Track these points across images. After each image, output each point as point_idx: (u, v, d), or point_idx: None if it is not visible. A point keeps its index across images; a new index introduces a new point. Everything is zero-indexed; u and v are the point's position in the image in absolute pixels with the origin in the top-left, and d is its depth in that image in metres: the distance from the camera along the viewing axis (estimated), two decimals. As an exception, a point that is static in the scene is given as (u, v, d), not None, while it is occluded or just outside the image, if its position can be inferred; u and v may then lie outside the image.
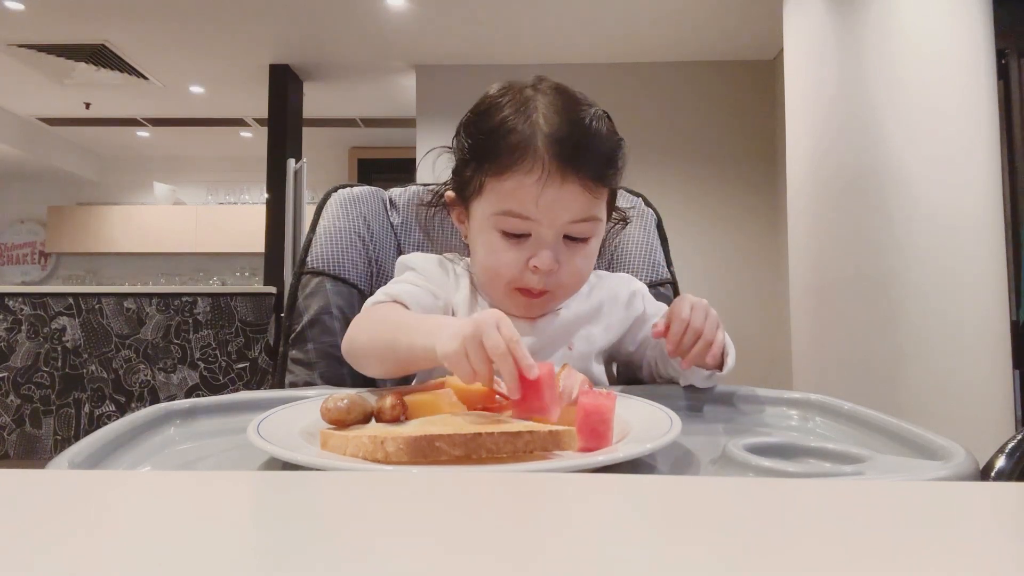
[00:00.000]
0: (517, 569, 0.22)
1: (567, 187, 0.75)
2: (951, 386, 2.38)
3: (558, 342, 0.84)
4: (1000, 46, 2.71)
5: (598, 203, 0.79)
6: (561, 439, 0.48)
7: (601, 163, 0.78)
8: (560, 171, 0.75)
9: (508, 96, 0.80)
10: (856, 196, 2.57)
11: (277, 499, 0.33)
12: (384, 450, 0.46)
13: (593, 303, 0.88)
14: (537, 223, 0.77)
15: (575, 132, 0.76)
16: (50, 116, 6.05)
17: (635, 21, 4.07)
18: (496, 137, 0.77)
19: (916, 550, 0.25)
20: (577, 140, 0.76)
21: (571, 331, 0.86)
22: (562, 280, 0.80)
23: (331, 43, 4.45)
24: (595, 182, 0.77)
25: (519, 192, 0.76)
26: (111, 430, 0.54)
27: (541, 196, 0.75)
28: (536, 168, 0.75)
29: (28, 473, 0.34)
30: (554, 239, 0.78)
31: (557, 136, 0.75)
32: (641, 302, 0.91)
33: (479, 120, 0.81)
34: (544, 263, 0.77)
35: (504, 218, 0.78)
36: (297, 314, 1.00)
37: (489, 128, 0.79)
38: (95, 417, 3.92)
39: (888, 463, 0.48)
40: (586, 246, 0.80)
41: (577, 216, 0.77)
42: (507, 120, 0.77)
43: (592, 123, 0.78)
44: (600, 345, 0.87)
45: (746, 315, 4.40)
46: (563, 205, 0.76)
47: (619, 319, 0.89)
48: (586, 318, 0.87)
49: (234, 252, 6.98)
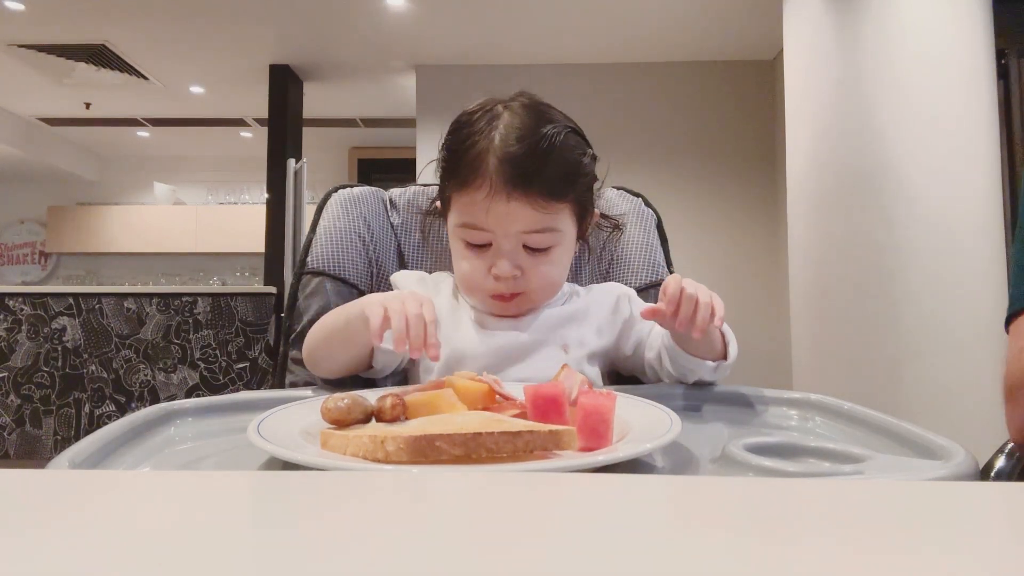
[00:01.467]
0: (517, 569, 0.22)
1: (513, 203, 0.79)
2: (951, 386, 2.38)
3: (544, 337, 0.85)
4: (1000, 46, 2.71)
5: (552, 216, 0.82)
6: (561, 439, 0.48)
7: (552, 181, 0.81)
8: (505, 189, 0.79)
9: (479, 113, 0.84)
10: (856, 196, 2.57)
11: (277, 499, 0.33)
12: (384, 450, 0.46)
13: (579, 306, 0.90)
14: (493, 233, 0.81)
15: (525, 151, 0.80)
16: (50, 116, 6.05)
17: (635, 21, 4.07)
18: (459, 154, 0.83)
19: (916, 550, 0.25)
20: (525, 158, 0.80)
21: (555, 328, 0.86)
22: (531, 285, 0.84)
23: (331, 43, 4.45)
24: (545, 198, 0.80)
25: (472, 207, 0.81)
26: (111, 430, 0.54)
27: (489, 211, 0.80)
28: (484, 185, 0.80)
29: (28, 473, 0.34)
30: (512, 248, 0.82)
31: (506, 156, 0.80)
32: (628, 304, 0.92)
33: (451, 137, 0.86)
34: (502, 271, 0.82)
35: (464, 229, 0.83)
36: (297, 314, 1.00)
37: (456, 145, 0.84)
38: (95, 417, 3.92)
39: (888, 463, 0.48)
40: (548, 255, 0.84)
41: (528, 228, 0.81)
42: (470, 138, 0.83)
43: (546, 143, 0.81)
44: (592, 347, 0.87)
45: (746, 315, 4.40)
46: (512, 219, 0.80)
47: (608, 322, 0.90)
48: (572, 318, 0.88)
49: (234, 252, 6.98)
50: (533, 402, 0.55)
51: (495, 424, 0.49)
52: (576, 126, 0.87)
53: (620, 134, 4.50)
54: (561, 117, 0.86)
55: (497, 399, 0.61)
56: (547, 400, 0.55)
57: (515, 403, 0.60)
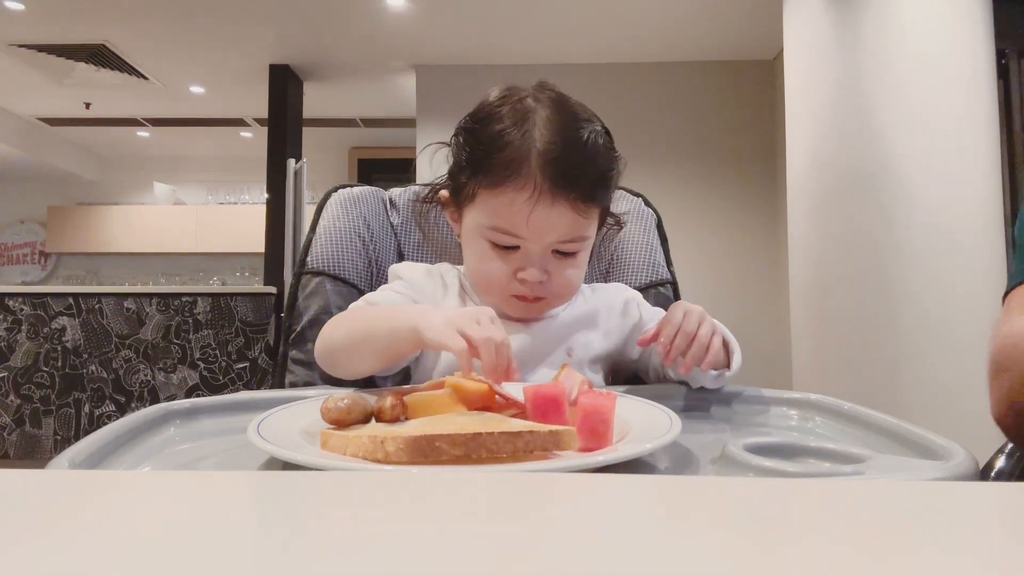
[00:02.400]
0: (517, 569, 0.22)
1: (557, 208, 0.76)
2: (951, 386, 2.38)
3: (553, 345, 0.84)
4: (1000, 46, 2.71)
5: (588, 223, 0.80)
6: (561, 439, 0.48)
7: (593, 184, 0.78)
8: (551, 191, 0.75)
9: (507, 106, 0.80)
10: (856, 196, 2.57)
11: (277, 499, 0.33)
12: (384, 450, 0.46)
13: (588, 309, 0.89)
14: (525, 239, 0.78)
15: (569, 152, 0.76)
16: (50, 116, 6.06)
17: (635, 21, 4.07)
18: (492, 149, 0.78)
19: (916, 550, 0.25)
20: (570, 160, 0.76)
21: (565, 335, 0.86)
22: (553, 289, 0.81)
23: (331, 43, 4.45)
24: (585, 203, 0.78)
25: (510, 209, 0.76)
26: (111, 430, 0.54)
27: (531, 215, 0.76)
28: (528, 186, 0.75)
29: (28, 473, 0.34)
30: (542, 254, 0.79)
31: (551, 155, 0.75)
32: (636, 309, 0.91)
33: (477, 128, 0.81)
34: (532, 277, 0.78)
35: (494, 232, 0.79)
36: (297, 314, 1.00)
37: (486, 139, 0.79)
38: (95, 417, 3.92)
39: (888, 463, 0.48)
40: (575, 259, 0.82)
41: (565, 236, 0.78)
42: (504, 133, 0.77)
43: (588, 143, 0.78)
44: (597, 351, 0.87)
45: (746, 315, 4.40)
46: (552, 225, 0.77)
47: (616, 326, 0.89)
48: (581, 323, 0.87)
49: (234, 252, 6.98)
50: (533, 402, 0.55)
51: (495, 424, 0.49)
52: (604, 124, 0.84)
53: (620, 134, 4.43)
54: (591, 114, 0.83)
55: (497, 399, 0.61)
56: (547, 400, 0.55)
57: (515, 403, 0.60)
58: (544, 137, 0.76)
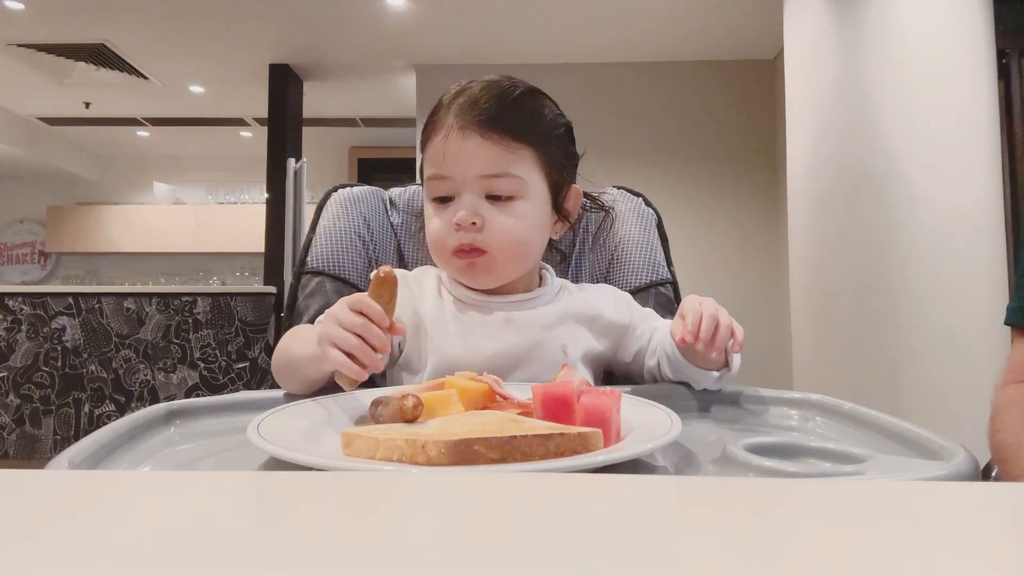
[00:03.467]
0: (516, 569, 0.22)
1: (470, 139, 0.79)
2: (951, 386, 2.38)
3: (542, 343, 0.82)
4: (1000, 46, 2.71)
5: (511, 157, 0.81)
6: (589, 441, 0.48)
7: (509, 119, 0.81)
8: (460, 126, 0.80)
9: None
10: (856, 196, 2.57)
11: (277, 499, 0.33)
12: (426, 454, 0.46)
13: (576, 305, 0.87)
14: (452, 180, 0.81)
15: (480, 92, 0.81)
16: (50, 116, 6.06)
17: (635, 21, 4.07)
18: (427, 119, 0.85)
19: (916, 550, 0.25)
20: (478, 98, 0.81)
21: (551, 329, 0.84)
22: (493, 236, 0.80)
23: (331, 43, 4.45)
24: (500, 134, 0.80)
25: (433, 154, 0.82)
26: (111, 430, 0.54)
27: (446, 151, 0.80)
28: (442, 128, 0.81)
29: (28, 473, 0.34)
30: (473, 197, 0.80)
31: (463, 100, 0.81)
32: (628, 310, 0.90)
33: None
34: (462, 219, 0.79)
35: (430, 183, 0.83)
36: (297, 314, 1.00)
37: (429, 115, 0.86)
38: (95, 417, 3.92)
39: (888, 463, 0.48)
40: (512, 205, 0.81)
41: (487, 170, 0.80)
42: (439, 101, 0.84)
43: (507, 86, 0.83)
44: (587, 349, 0.85)
45: (746, 315, 4.37)
46: (467, 158, 0.80)
47: (607, 325, 0.88)
48: (569, 317, 0.86)
49: (234, 252, 6.98)
50: (543, 402, 0.55)
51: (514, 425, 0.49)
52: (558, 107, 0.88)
53: (620, 134, 4.50)
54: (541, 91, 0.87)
55: (497, 399, 0.61)
56: (556, 400, 0.55)
57: (515, 402, 0.60)
58: (466, 89, 0.83)
